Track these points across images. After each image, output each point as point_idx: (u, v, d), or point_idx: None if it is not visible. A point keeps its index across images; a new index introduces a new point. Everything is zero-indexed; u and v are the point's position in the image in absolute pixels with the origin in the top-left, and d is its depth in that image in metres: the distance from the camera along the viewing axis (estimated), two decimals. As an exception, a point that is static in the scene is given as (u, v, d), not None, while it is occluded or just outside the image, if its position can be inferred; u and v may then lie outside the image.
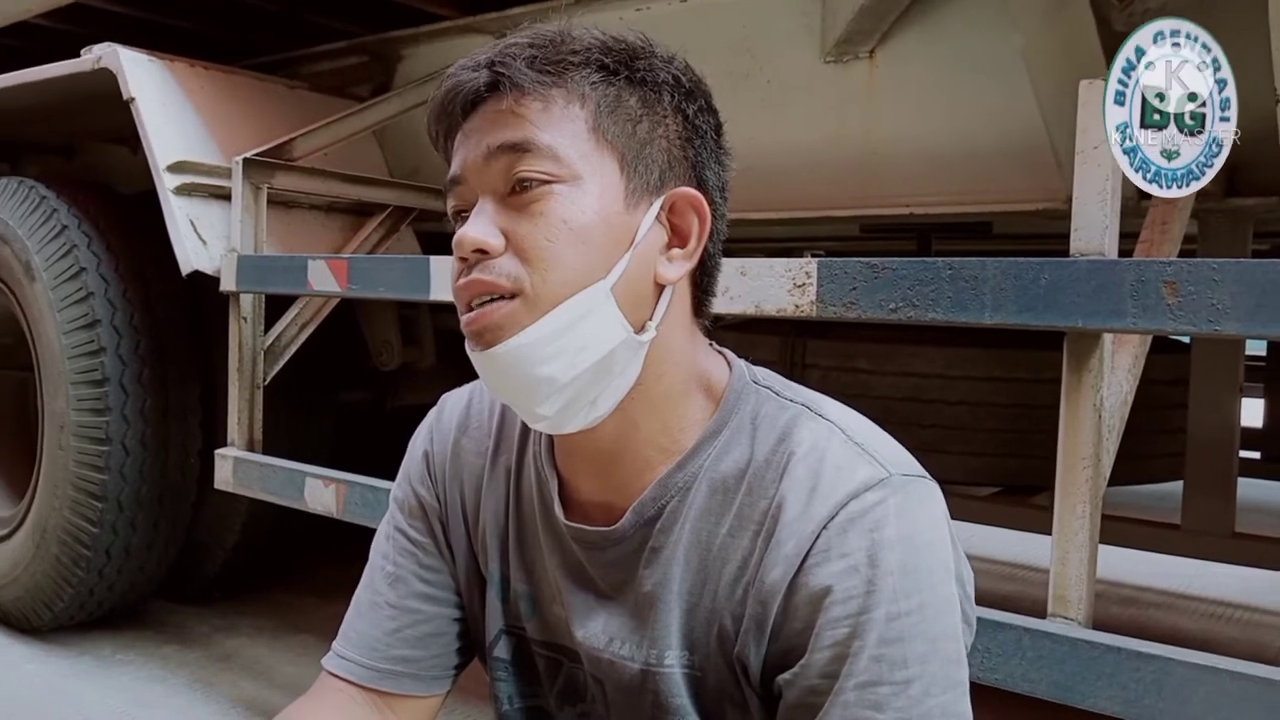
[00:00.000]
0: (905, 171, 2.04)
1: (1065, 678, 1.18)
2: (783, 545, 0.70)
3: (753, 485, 0.74)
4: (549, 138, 0.72)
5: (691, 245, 0.76)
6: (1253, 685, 1.08)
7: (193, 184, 2.32)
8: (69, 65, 2.45)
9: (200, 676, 2.55)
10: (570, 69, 0.73)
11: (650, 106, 0.75)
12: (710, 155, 0.79)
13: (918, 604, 0.67)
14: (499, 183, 0.73)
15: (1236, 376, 2.31)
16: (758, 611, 0.70)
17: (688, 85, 0.77)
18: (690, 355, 0.78)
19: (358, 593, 0.91)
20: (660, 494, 0.76)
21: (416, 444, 0.93)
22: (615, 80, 0.74)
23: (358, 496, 1.97)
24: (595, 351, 0.72)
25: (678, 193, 0.76)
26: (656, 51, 0.77)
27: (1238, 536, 2.32)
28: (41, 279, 2.54)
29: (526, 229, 0.71)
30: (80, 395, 2.49)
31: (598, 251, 0.72)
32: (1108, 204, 1.25)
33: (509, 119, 0.72)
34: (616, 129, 0.74)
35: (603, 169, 0.73)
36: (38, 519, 2.62)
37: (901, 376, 2.40)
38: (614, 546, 0.78)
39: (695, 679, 0.75)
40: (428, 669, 0.88)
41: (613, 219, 0.73)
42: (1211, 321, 1.13)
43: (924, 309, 1.30)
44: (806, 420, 0.75)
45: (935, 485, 0.74)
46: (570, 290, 0.71)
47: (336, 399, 2.92)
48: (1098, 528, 1.25)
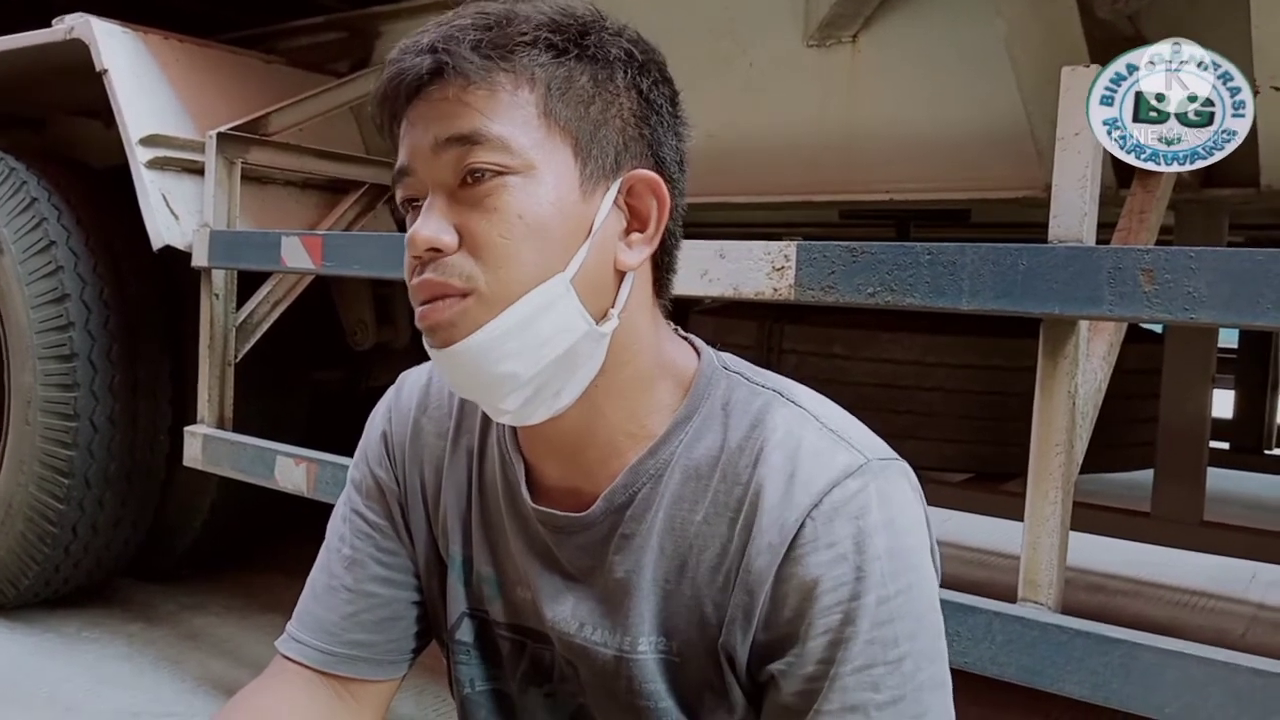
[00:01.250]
0: (886, 157, 2.04)
1: (1034, 662, 1.19)
2: (765, 533, 0.70)
3: (726, 471, 0.73)
4: (499, 128, 0.69)
5: (651, 229, 0.74)
6: (1218, 670, 1.10)
7: (166, 158, 2.29)
8: (40, 35, 2.41)
9: (168, 655, 2.53)
10: (518, 50, 0.70)
11: (602, 85, 0.72)
12: (667, 130, 0.76)
13: (905, 584, 0.69)
14: (449, 175, 0.70)
15: (1209, 367, 2.33)
16: (744, 601, 0.70)
17: (640, 58, 0.74)
18: (654, 338, 0.77)
19: (313, 575, 0.89)
20: (631, 481, 0.76)
21: (374, 424, 0.91)
22: (565, 60, 0.71)
23: (328, 475, 1.95)
24: (557, 345, 0.71)
25: (635, 175, 0.73)
26: (607, 25, 0.74)
27: (1206, 525, 2.35)
28: (10, 252, 2.50)
29: (480, 225, 0.69)
30: (48, 370, 2.46)
31: (555, 244, 0.70)
32: (1087, 191, 1.25)
33: (456, 108, 0.69)
34: (569, 112, 0.71)
35: (556, 156, 0.70)
36: (3, 495, 2.58)
37: (878, 363, 2.40)
38: (583, 532, 0.77)
39: (672, 664, 0.75)
40: (384, 653, 0.87)
41: (569, 209, 0.70)
42: (1187, 310, 1.14)
43: (902, 294, 1.30)
44: (779, 406, 0.75)
45: (908, 466, 0.74)
46: (527, 286, 0.69)
47: (309, 378, 2.90)
48: (1069, 514, 1.26)
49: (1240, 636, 3.03)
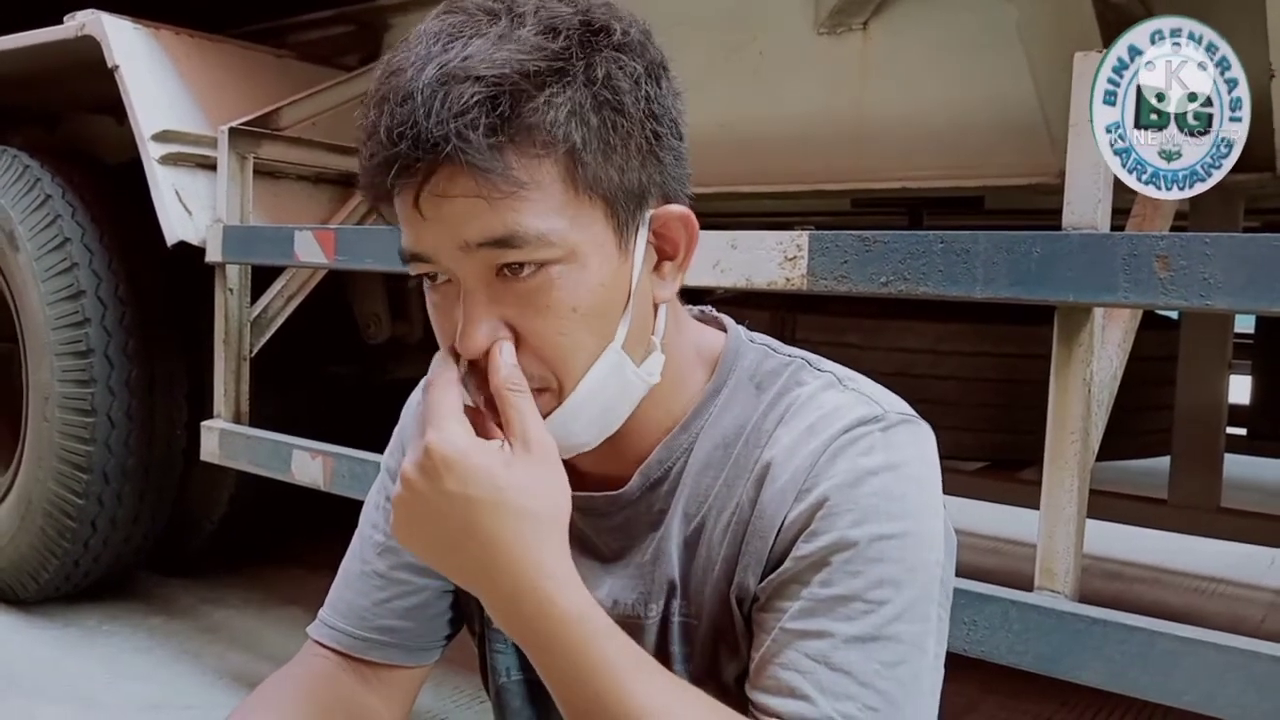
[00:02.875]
0: (898, 145, 2.03)
1: (1051, 650, 1.19)
2: (779, 480, 0.70)
3: (750, 437, 0.73)
4: (534, 222, 0.63)
5: (681, 256, 0.72)
6: (1235, 657, 1.09)
7: (178, 154, 2.30)
8: (52, 32, 2.41)
9: (187, 648, 2.55)
10: (532, 118, 0.62)
11: (618, 124, 0.65)
12: (677, 136, 0.70)
13: (900, 530, 0.67)
14: (482, 269, 0.65)
15: (1225, 353, 2.32)
16: (758, 546, 0.70)
17: (645, 64, 0.67)
18: (683, 334, 0.77)
19: (345, 561, 0.89)
20: (666, 456, 0.76)
21: (410, 412, 0.91)
22: (580, 111, 0.63)
23: (345, 469, 1.96)
24: (619, 409, 0.71)
25: (663, 213, 0.70)
26: (606, 27, 0.65)
27: (1223, 512, 2.34)
28: (25, 249, 2.52)
29: (534, 325, 0.66)
30: (65, 367, 2.47)
31: (608, 321, 0.68)
32: (1101, 178, 1.24)
33: (479, 207, 0.62)
34: (595, 173, 0.64)
35: (593, 228, 0.66)
36: (23, 491, 2.60)
37: (891, 352, 2.40)
38: (620, 511, 0.77)
39: (691, 626, 0.75)
40: (415, 640, 0.87)
41: (612, 278, 0.67)
42: (1203, 296, 1.13)
43: (915, 282, 1.30)
44: (806, 374, 0.75)
45: (930, 430, 0.74)
46: (589, 365, 0.68)
47: (324, 372, 2.91)
48: (1085, 501, 1.26)
49: (1259, 623, 3.02)
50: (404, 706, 0.89)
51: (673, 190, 0.71)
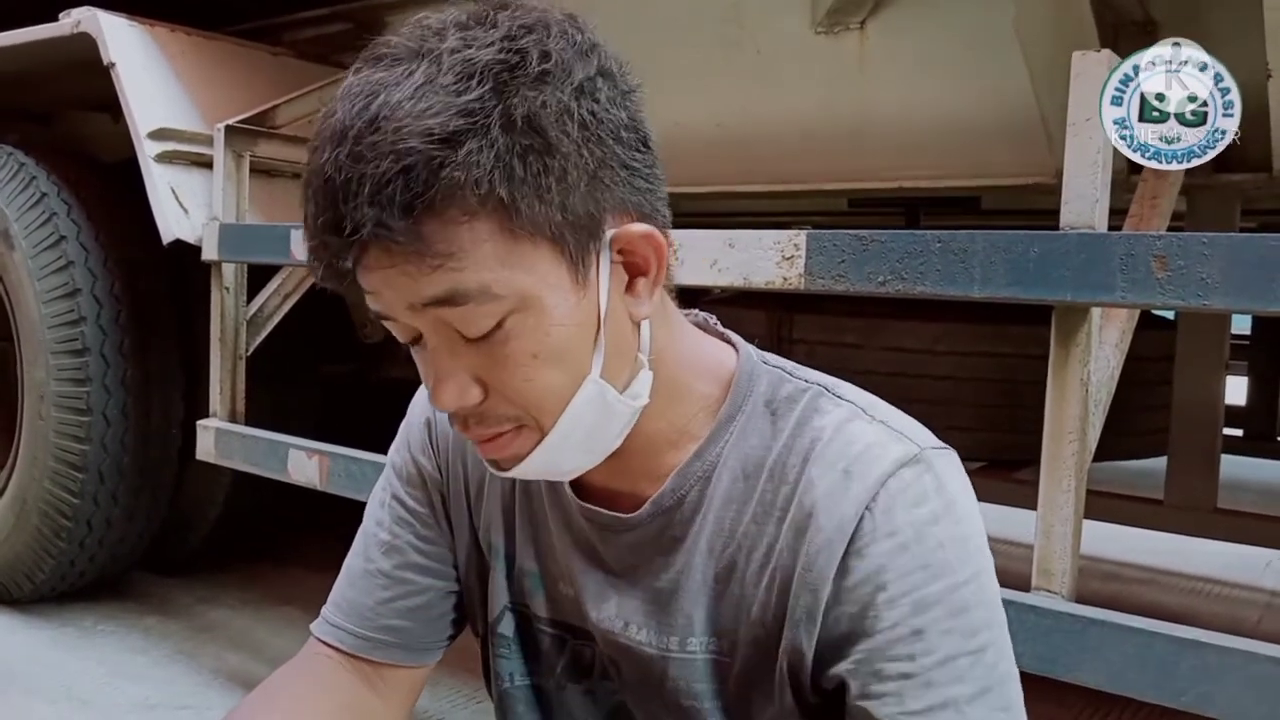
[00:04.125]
0: (895, 145, 2.03)
1: (1049, 650, 1.19)
2: (823, 530, 0.68)
3: (774, 471, 0.72)
4: (473, 276, 0.61)
5: (654, 271, 0.68)
6: (1234, 658, 1.09)
7: (174, 151, 2.29)
8: (46, 29, 2.41)
9: (183, 648, 2.54)
10: (449, 184, 0.58)
11: (550, 156, 0.60)
12: (628, 146, 0.65)
13: (973, 571, 0.67)
14: (439, 323, 0.64)
15: (1222, 354, 2.32)
16: (808, 601, 0.68)
17: (577, 81, 0.62)
18: (678, 342, 0.75)
19: (349, 559, 0.89)
20: (679, 485, 0.74)
21: (417, 410, 0.90)
22: (504, 156, 0.59)
23: (341, 468, 1.95)
24: (609, 431, 0.70)
25: (622, 235, 0.66)
26: (529, 68, 0.60)
27: (1219, 512, 2.33)
28: (20, 247, 2.51)
29: (499, 376, 0.65)
30: (60, 365, 2.46)
31: (576, 356, 0.66)
32: (1098, 177, 1.24)
33: (414, 274, 0.60)
34: (531, 213, 0.60)
35: (539, 267, 0.62)
36: (18, 490, 2.59)
37: (888, 351, 2.39)
38: (629, 532, 0.76)
39: (722, 664, 0.74)
40: (418, 640, 0.87)
41: (573, 313, 0.64)
42: (1200, 296, 1.13)
43: (913, 282, 1.30)
44: (826, 403, 0.73)
45: (957, 456, 0.73)
46: (565, 401, 0.66)
47: (319, 371, 2.90)
48: (1083, 501, 1.26)
49: (1255, 624, 3.02)
50: (406, 706, 0.89)
51: (633, 202, 0.66)
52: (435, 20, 0.64)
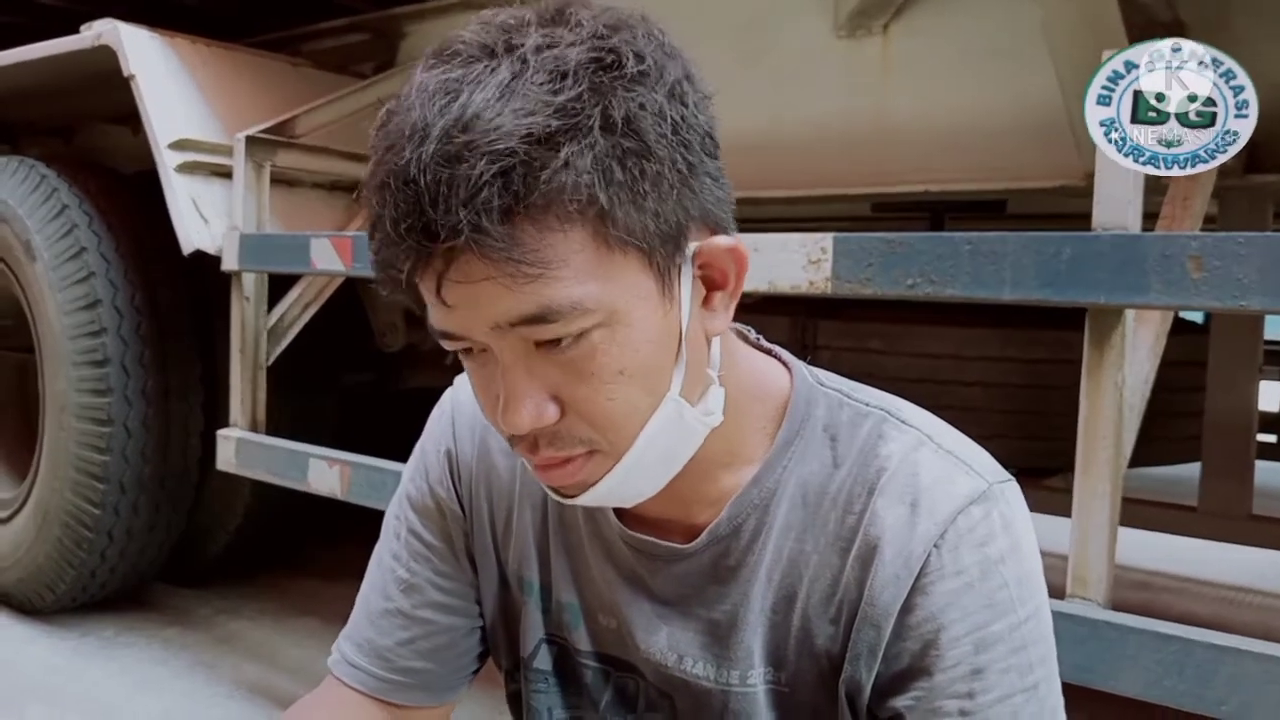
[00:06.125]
0: (920, 149, 2.01)
1: (1085, 659, 1.17)
2: (889, 565, 0.66)
3: (838, 500, 0.70)
4: (567, 292, 0.57)
5: (732, 284, 0.66)
6: (1275, 666, 1.07)
7: (194, 162, 2.30)
8: (68, 42, 2.42)
9: (203, 659, 2.54)
10: (549, 187, 0.55)
11: (645, 161, 0.57)
12: (711, 158, 0.63)
13: (1033, 609, 0.67)
14: (519, 343, 0.60)
15: (1255, 359, 2.29)
16: (871, 637, 0.67)
17: (674, 89, 0.60)
18: (738, 364, 0.72)
19: (365, 589, 0.86)
20: (737, 513, 0.72)
21: (435, 440, 0.85)
22: (605, 160, 0.56)
23: (363, 478, 1.94)
24: (682, 455, 0.67)
25: (706, 248, 0.63)
26: (626, 69, 0.57)
27: (1254, 519, 2.31)
28: (42, 259, 2.52)
29: (580, 392, 0.61)
30: (81, 376, 2.47)
31: (659, 374, 0.63)
32: (1131, 178, 1.22)
33: (505, 287, 0.57)
34: (626, 224, 0.57)
35: (630, 280, 0.59)
36: (39, 501, 2.60)
37: (915, 357, 2.37)
38: (682, 562, 0.73)
39: (781, 695, 0.72)
40: (440, 680, 0.85)
41: (659, 330, 0.61)
42: (1236, 297, 1.11)
43: (942, 285, 1.28)
44: (891, 430, 0.71)
45: (1018, 485, 0.71)
46: (644, 422, 0.63)
47: (340, 380, 2.90)
48: (1118, 508, 1.24)
49: (1289, 633, 2.97)
50: None
51: (712, 215, 0.63)
52: (508, 17, 0.60)
